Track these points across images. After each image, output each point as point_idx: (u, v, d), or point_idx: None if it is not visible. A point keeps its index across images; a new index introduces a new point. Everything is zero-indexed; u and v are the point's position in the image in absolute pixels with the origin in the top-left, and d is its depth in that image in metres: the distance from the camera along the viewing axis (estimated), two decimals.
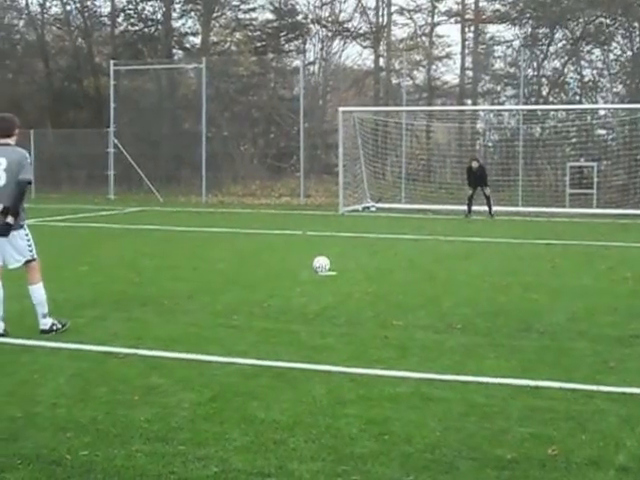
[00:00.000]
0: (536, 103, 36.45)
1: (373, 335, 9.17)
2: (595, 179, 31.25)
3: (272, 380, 7.24)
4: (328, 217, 26.81)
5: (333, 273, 13.64)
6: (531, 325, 9.76)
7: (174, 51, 43.03)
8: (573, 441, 5.82)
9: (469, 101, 41.88)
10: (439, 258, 16.36)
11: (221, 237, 20.30)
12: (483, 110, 39.05)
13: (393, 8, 43.05)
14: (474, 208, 27.30)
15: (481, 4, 42.13)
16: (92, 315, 10.00)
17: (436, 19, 43.45)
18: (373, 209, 29.80)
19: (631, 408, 6.60)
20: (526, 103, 35.57)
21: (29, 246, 9.01)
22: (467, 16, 42.50)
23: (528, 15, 39.68)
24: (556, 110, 36.36)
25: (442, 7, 43.14)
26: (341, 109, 30.55)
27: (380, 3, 43.03)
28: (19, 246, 8.92)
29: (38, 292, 9.04)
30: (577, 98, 38.83)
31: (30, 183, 8.98)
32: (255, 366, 7.71)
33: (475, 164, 27.73)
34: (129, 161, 33.65)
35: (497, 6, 41.23)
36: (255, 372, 7.50)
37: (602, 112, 35.96)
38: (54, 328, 9.02)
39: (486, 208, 27.17)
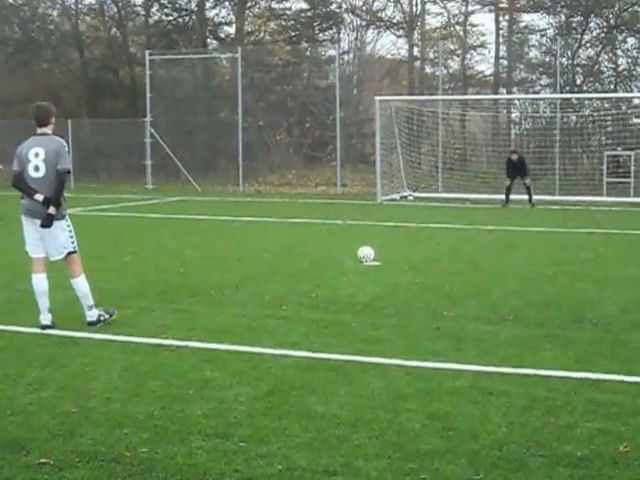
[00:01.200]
0: (570, 92, 36.00)
1: (425, 326, 9.01)
2: (632, 168, 30.83)
3: (328, 373, 7.10)
4: (367, 206, 26.61)
5: (378, 263, 13.49)
6: (583, 316, 9.55)
7: (208, 41, 42.92)
8: None
9: (504, 90, 41.47)
10: (482, 248, 16.16)
11: (262, 226, 20.19)
12: (518, 99, 38.64)
13: None
14: (512, 197, 27.01)
15: None
16: (140, 306, 9.91)
17: (470, 8, 43.16)
18: (411, 198, 29.60)
19: None
20: (561, 92, 35.16)
21: (71, 237, 8.89)
22: (501, 5, 42.07)
23: (562, 4, 39.18)
24: (590, 99, 35.91)
25: None
26: (378, 98, 30.29)
27: None
28: (61, 237, 8.82)
29: (81, 284, 8.91)
30: (612, 87, 38.34)
31: (69, 172, 8.92)
32: (309, 359, 7.58)
33: (515, 156, 27.40)
34: (166, 151, 33.60)
35: None
36: (310, 365, 7.36)
37: (637, 101, 35.47)
38: (101, 319, 8.92)
39: (525, 197, 26.87)
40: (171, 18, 43.91)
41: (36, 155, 8.66)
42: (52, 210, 8.62)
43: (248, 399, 6.35)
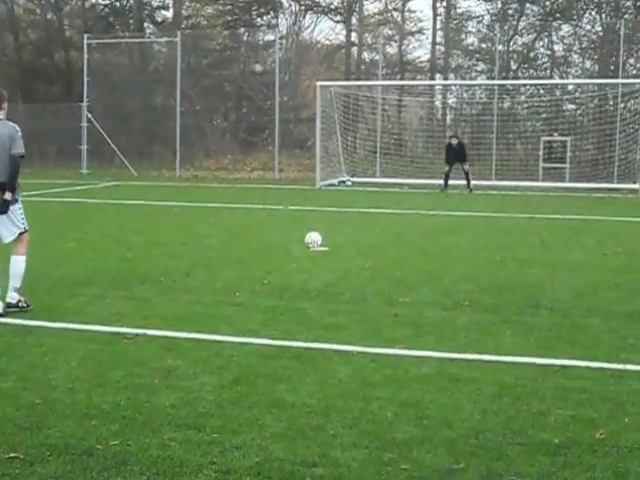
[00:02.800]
0: (506, 78, 36.29)
1: (382, 313, 8.93)
2: (568, 153, 31.22)
3: (292, 361, 6.97)
4: (306, 191, 26.50)
5: (325, 248, 13.40)
6: (538, 301, 9.58)
7: (145, 25, 42.28)
8: (617, 424, 5.62)
9: (440, 76, 41.65)
10: (426, 233, 16.16)
11: (204, 212, 19.95)
12: (454, 84, 38.85)
13: None
14: (450, 182, 27.13)
15: None
16: (91, 293, 9.64)
17: None
18: (349, 183, 29.57)
19: None
20: (497, 78, 35.42)
21: (22, 218, 8.87)
22: None
23: None
24: (525, 85, 36.26)
25: None
26: (319, 83, 30.17)
27: None
28: (14, 219, 8.76)
29: (20, 264, 8.76)
30: (547, 73, 38.75)
31: (23, 157, 8.79)
32: (271, 346, 7.44)
33: (455, 141, 27.50)
34: (101, 135, 33.07)
35: None
36: (273, 353, 7.22)
37: (571, 87, 35.93)
38: (19, 305, 8.68)
39: (463, 182, 27.00)
40: (108, 2, 43.14)
41: None
42: (8, 195, 8.51)
43: (215, 388, 6.18)
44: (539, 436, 5.39)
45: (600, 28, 37.70)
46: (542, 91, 35.52)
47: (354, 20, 42.73)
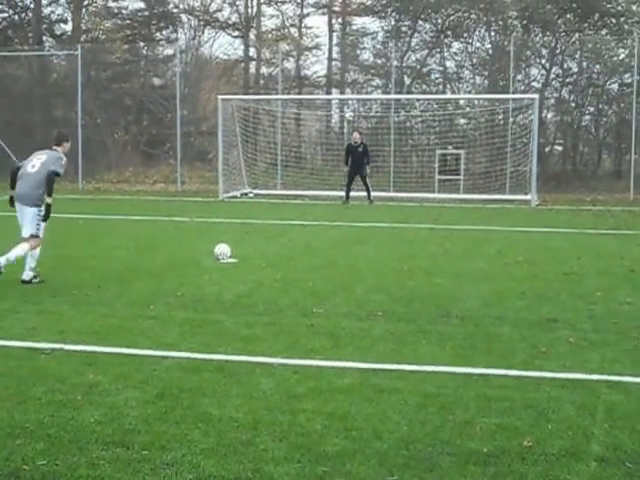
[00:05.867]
0: (401, 93, 36.76)
1: (298, 323, 8.92)
2: (462, 166, 31.79)
3: (214, 374, 6.89)
4: (210, 204, 26.30)
5: (235, 260, 13.34)
6: (449, 310, 9.71)
7: (44, 38, 41.39)
8: (541, 432, 5.72)
9: (337, 90, 41.96)
10: (332, 243, 16.23)
11: (110, 224, 19.64)
12: (351, 99, 39.18)
13: None
14: (352, 194, 27.24)
15: None
16: (3, 308, 9.37)
17: (305, 10, 43.46)
18: (251, 195, 29.51)
19: (581, 395, 6.56)
20: (392, 93, 35.83)
21: (38, 224, 11.27)
22: (334, 8, 42.58)
23: (392, 8, 39.99)
24: (418, 99, 36.82)
25: None
26: (220, 97, 30.06)
27: None
28: (34, 221, 11.21)
29: (20, 247, 10.94)
30: (440, 88, 39.42)
31: (58, 175, 11.30)
32: (191, 359, 7.35)
33: (357, 137, 27.10)
34: (2, 148, 32.11)
35: None
36: (194, 366, 7.13)
37: (462, 102, 36.63)
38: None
39: (363, 194, 27.10)
40: (6, 15, 42.09)
41: (38, 159, 11.37)
42: (49, 200, 11.30)
43: (139, 404, 6.07)
44: (467, 445, 5.44)
45: (490, 45, 38.50)
46: (435, 105, 36.10)
47: (252, 35, 42.76)
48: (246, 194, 29.62)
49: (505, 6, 37.40)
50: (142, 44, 41.06)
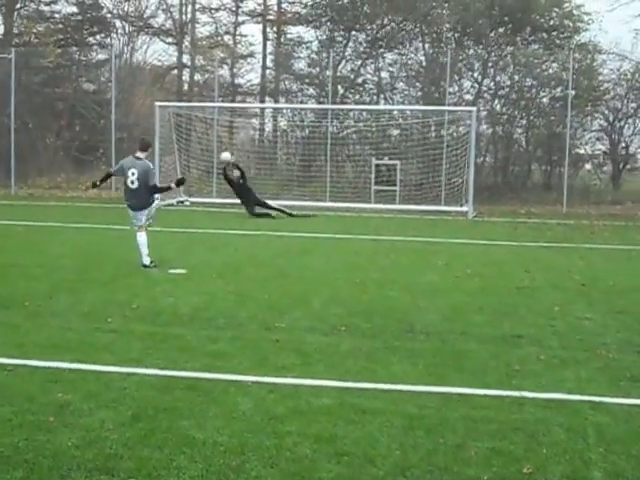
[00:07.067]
0: (335, 103, 36.64)
1: (263, 339, 8.66)
2: (398, 177, 31.78)
3: (188, 393, 6.59)
4: None
5: (184, 271, 13.00)
6: (412, 326, 9.54)
7: None
8: (537, 457, 5.57)
9: (270, 99, 41.67)
10: (279, 253, 15.97)
11: (51, 231, 18.98)
12: (285, 108, 38.93)
13: (197, 6, 42.39)
14: (291, 204, 26.93)
15: (283, 5, 42.11)
16: None
17: (240, 19, 43.12)
18: (187, 203, 28.98)
19: (567, 416, 6.43)
20: (327, 103, 35.72)
21: (148, 216, 13.77)
22: (269, 17, 42.35)
23: (326, 18, 39.92)
24: (352, 110, 36.77)
25: (245, 7, 43.02)
26: (157, 104, 29.56)
27: (183, 1, 42.24)
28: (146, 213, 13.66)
29: (140, 238, 13.48)
30: (374, 99, 39.41)
31: (156, 186, 13.81)
32: (160, 377, 7.03)
33: (236, 173, 25.02)
34: None
35: (298, 9, 41.31)
36: (164, 384, 6.81)
37: (395, 113, 36.66)
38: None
39: (307, 203, 26.60)
40: None
41: (132, 174, 13.37)
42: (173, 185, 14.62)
43: (116, 426, 5.74)
44: (466, 472, 5.27)
45: (423, 57, 38.68)
46: (369, 115, 36.07)
47: (186, 42, 42.29)
48: (182, 202, 29.11)
49: (440, 18, 37.59)
50: (75, 49, 40.23)
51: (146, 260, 13.36)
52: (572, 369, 7.86)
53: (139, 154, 13.58)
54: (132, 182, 13.42)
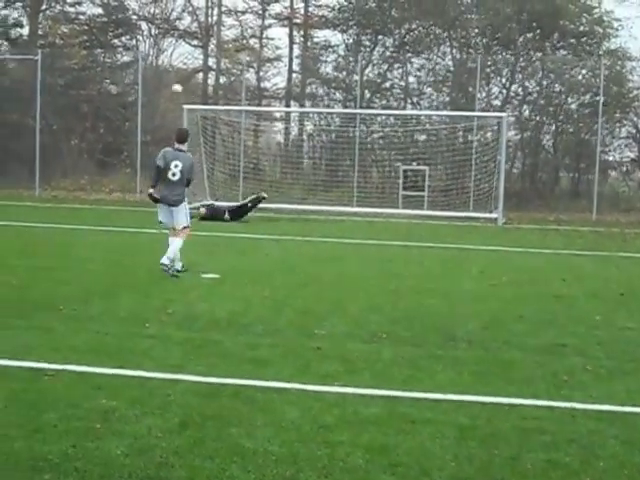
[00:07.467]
0: (361, 107, 36.52)
1: (303, 346, 8.51)
2: (427, 182, 31.62)
3: (233, 400, 6.46)
4: None
5: (216, 276, 12.89)
6: (453, 334, 9.38)
7: None
8: (594, 470, 5.38)
9: (296, 103, 41.57)
10: (309, 260, 15.87)
11: (77, 234, 18.94)
12: (312, 112, 38.84)
13: (223, 8, 42.40)
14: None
15: (310, 9, 42.06)
16: None
17: (266, 22, 43.09)
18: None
19: (620, 429, 6.25)
20: (357, 107, 35.59)
21: (187, 215, 13.31)
22: (296, 20, 42.28)
23: (352, 22, 39.79)
24: (378, 115, 36.61)
25: (272, 10, 42.98)
26: (186, 106, 29.56)
27: (209, 3, 42.25)
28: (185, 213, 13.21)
29: (175, 244, 12.87)
30: (401, 104, 39.27)
31: (191, 180, 13.40)
32: (204, 384, 6.89)
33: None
34: None
35: (324, 12, 41.21)
36: (208, 391, 6.68)
37: (423, 118, 36.48)
38: (170, 271, 12.62)
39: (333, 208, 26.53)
40: None
41: (175, 166, 12.91)
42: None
43: (164, 433, 5.61)
44: None
45: (451, 62, 38.49)
46: (396, 121, 35.92)
47: (212, 45, 42.29)
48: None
49: (469, 23, 37.42)
50: (100, 50, 40.26)
51: (167, 261, 12.77)
52: (620, 380, 7.68)
53: (179, 146, 13.11)
54: (174, 174, 12.89)
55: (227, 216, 23.98)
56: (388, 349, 8.54)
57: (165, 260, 12.59)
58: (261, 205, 27.57)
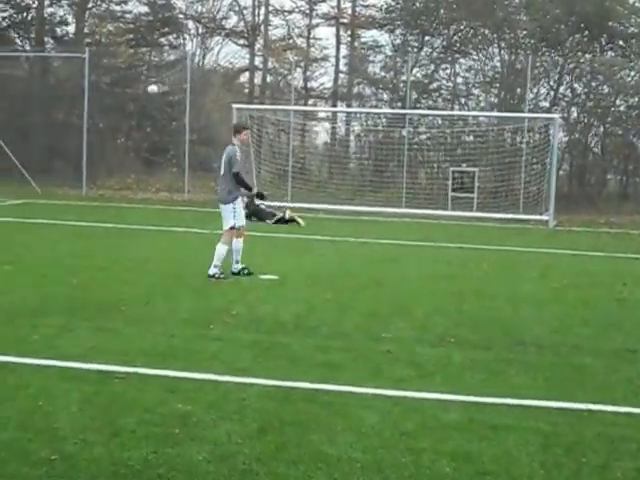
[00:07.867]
0: (409, 108, 36.29)
1: (372, 350, 8.38)
2: (476, 184, 31.34)
3: (309, 405, 6.35)
4: None
5: (275, 277, 12.78)
6: (522, 338, 9.21)
7: (45, 39, 40.59)
8: None
9: (343, 103, 41.44)
10: (367, 261, 15.69)
11: (129, 233, 18.87)
12: (360, 112, 38.68)
13: (270, 8, 42.38)
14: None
15: (357, 9, 41.90)
16: (55, 324, 8.70)
17: (313, 21, 43.03)
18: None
19: None
20: (407, 108, 35.39)
21: (230, 217, 12.77)
22: (343, 20, 42.17)
23: (399, 22, 39.57)
24: (425, 115, 36.37)
25: (319, 10, 42.93)
26: (235, 106, 29.52)
27: (256, 2, 42.26)
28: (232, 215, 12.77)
29: (220, 250, 12.43)
30: (449, 105, 39.01)
31: (238, 174, 12.61)
32: (277, 387, 6.79)
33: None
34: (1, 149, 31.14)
35: (371, 12, 41.05)
36: (283, 395, 6.58)
37: (470, 119, 36.20)
38: (216, 276, 12.29)
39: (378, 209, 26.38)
40: (7, 14, 41.39)
41: (221, 158, 12.86)
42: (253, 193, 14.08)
43: (244, 439, 5.51)
44: None
45: (499, 63, 38.16)
46: (444, 121, 35.69)
47: (258, 44, 42.31)
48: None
49: (517, 24, 37.06)
50: (146, 49, 40.36)
51: (212, 271, 12.37)
52: None
53: (233, 139, 12.94)
54: (219, 167, 12.89)
55: (270, 221, 23.90)
56: (457, 353, 8.40)
57: (211, 271, 12.34)
58: (308, 205, 27.48)
